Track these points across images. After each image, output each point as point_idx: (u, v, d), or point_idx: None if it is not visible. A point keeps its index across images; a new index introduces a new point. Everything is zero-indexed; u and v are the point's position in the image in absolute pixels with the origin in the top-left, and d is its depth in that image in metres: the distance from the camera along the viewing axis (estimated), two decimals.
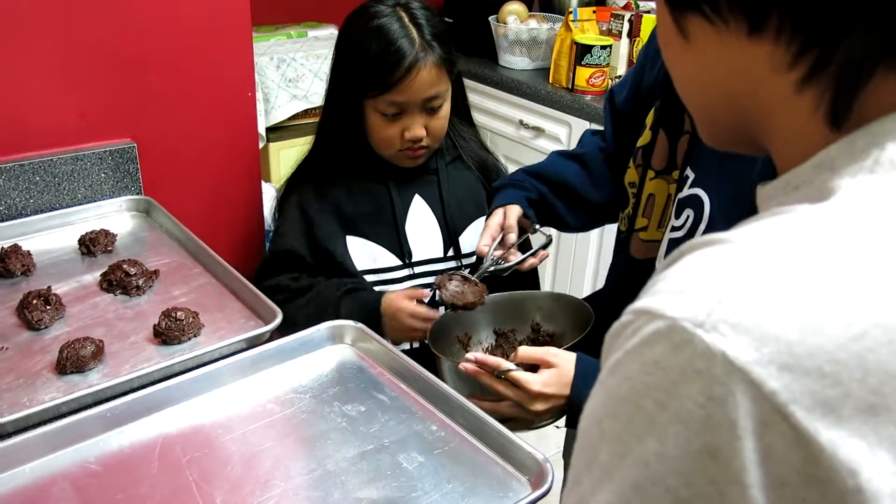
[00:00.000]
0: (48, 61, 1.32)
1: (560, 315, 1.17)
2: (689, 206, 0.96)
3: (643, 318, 0.41)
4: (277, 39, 2.54)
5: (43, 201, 1.37)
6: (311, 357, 1.06)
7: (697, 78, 0.53)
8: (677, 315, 0.39)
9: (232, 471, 0.86)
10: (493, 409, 0.99)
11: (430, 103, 1.27)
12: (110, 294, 1.17)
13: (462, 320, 1.19)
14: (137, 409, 0.93)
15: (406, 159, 1.32)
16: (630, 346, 0.41)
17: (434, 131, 1.30)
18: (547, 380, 0.97)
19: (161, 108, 1.46)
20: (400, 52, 1.21)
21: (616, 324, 0.44)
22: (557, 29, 2.48)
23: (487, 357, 0.99)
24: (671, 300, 0.40)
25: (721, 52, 0.49)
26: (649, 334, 0.40)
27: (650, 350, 0.40)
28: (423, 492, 0.84)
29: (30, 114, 1.34)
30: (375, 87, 1.24)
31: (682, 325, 0.39)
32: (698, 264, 0.42)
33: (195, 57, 1.46)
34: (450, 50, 1.27)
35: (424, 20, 1.25)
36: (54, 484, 0.83)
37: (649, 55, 1.12)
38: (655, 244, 1.04)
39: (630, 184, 1.10)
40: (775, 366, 0.37)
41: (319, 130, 1.39)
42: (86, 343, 1.00)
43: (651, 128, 1.05)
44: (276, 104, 2.39)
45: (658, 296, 0.41)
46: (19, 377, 0.98)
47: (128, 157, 1.42)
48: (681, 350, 0.39)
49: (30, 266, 1.22)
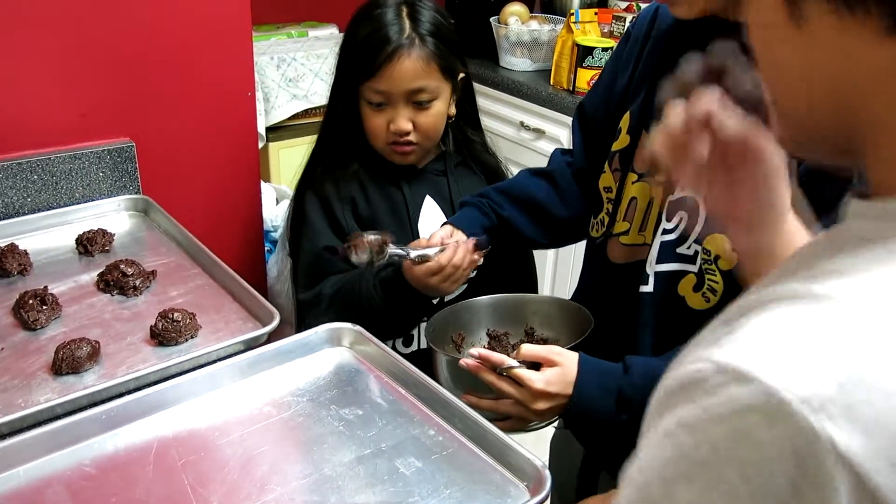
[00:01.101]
0: (48, 60, 1.31)
1: (557, 319, 1.16)
2: (682, 208, 0.95)
3: (730, 378, 0.37)
4: (278, 39, 2.54)
5: (40, 200, 1.36)
6: (308, 360, 1.06)
7: (802, 69, 0.46)
8: (778, 387, 0.36)
9: (228, 474, 0.85)
10: (492, 407, 0.98)
11: (416, 96, 1.26)
12: (107, 294, 1.17)
13: (458, 320, 1.18)
14: (133, 411, 0.92)
15: (395, 154, 1.31)
16: (714, 407, 0.38)
17: (423, 128, 1.28)
18: (550, 378, 0.95)
19: (160, 107, 1.45)
20: (385, 38, 1.22)
21: (688, 370, 0.40)
22: (559, 30, 2.48)
23: (491, 353, 0.97)
24: (769, 366, 0.37)
25: (842, 45, 0.43)
26: (742, 402, 0.37)
27: (741, 419, 0.37)
28: (420, 497, 0.83)
29: (28, 112, 1.33)
30: (362, 72, 1.25)
31: (783, 397, 0.35)
32: (796, 324, 0.38)
33: (195, 56, 1.46)
34: (445, 49, 1.27)
35: (425, 17, 1.26)
36: (48, 487, 0.83)
37: (621, 59, 1.11)
38: (638, 248, 1.03)
39: (605, 188, 1.09)
40: (886, 461, 0.35)
41: (323, 123, 1.38)
42: (82, 344, 1.00)
43: (629, 132, 1.04)
44: (276, 104, 2.38)
45: (748, 355, 0.38)
46: (14, 377, 0.98)
47: (126, 157, 1.42)
48: (779, 425, 0.36)
49: (26, 265, 1.21)
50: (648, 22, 1.06)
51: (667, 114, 0.69)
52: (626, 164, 1.05)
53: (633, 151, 1.03)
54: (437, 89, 1.28)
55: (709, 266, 0.94)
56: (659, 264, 0.98)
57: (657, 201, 1.00)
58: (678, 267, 0.97)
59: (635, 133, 1.03)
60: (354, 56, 1.27)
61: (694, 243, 0.95)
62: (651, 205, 1.02)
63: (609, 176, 1.08)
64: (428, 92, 1.26)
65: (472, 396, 1.00)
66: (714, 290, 0.94)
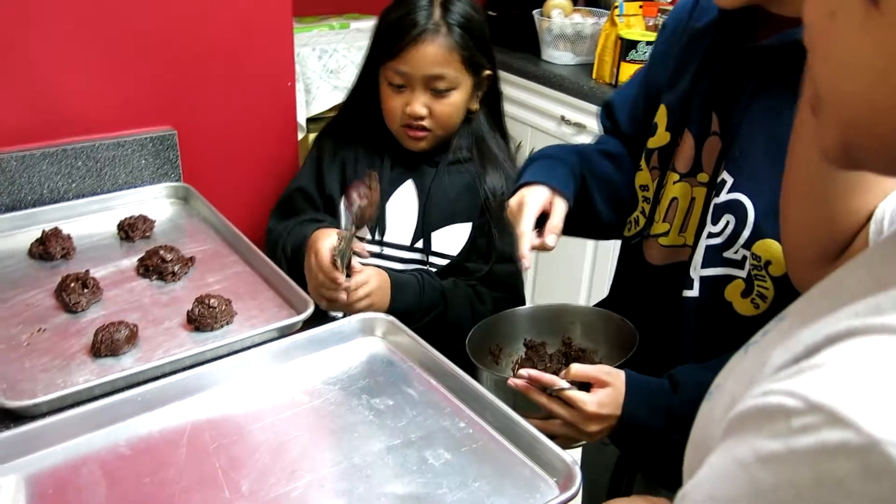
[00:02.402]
0: (92, 49, 1.34)
1: (597, 330, 1.12)
2: (729, 211, 0.92)
3: (821, 419, 0.34)
4: (320, 30, 2.55)
5: (84, 186, 1.39)
6: (341, 348, 1.06)
7: (877, 62, 0.39)
8: (879, 436, 0.32)
9: (259, 459, 0.86)
10: (541, 427, 0.94)
11: (435, 83, 1.27)
12: (146, 279, 1.19)
13: (497, 331, 1.14)
14: (168, 394, 0.94)
15: (408, 139, 1.33)
16: (800, 446, 0.35)
17: (438, 116, 1.30)
18: (603, 400, 0.92)
19: (201, 96, 1.47)
20: (413, 21, 1.26)
21: (768, 401, 0.37)
22: (602, 24, 2.45)
23: (542, 374, 0.94)
24: (871, 412, 0.33)
25: None
26: (834, 445, 0.34)
27: (832, 464, 0.34)
28: (448, 489, 0.83)
29: (74, 100, 1.36)
30: (386, 52, 1.29)
31: (885, 449, 0.32)
32: (892, 364, 0.34)
33: (236, 46, 1.47)
34: (471, 42, 1.28)
35: (457, 8, 1.28)
36: (84, 465, 0.84)
37: (657, 52, 1.08)
38: (678, 249, 1.00)
39: (642, 186, 1.05)
40: None
41: (348, 96, 1.45)
42: (120, 327, 1.01)
43: (668, 128, 1.00)
44: (316, 95, 2.39)
45: (844, 396, 0.34)
46: (55, 358, 1.00)
47: (168, 145, 1.44)
48: (878, 479, 0.32)
49: (69, 249, 1.24)
50: (687, 13, 1.03)
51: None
52: (665, 162, 1.01)
53: (672, 149, 1.00)
54: (456, 80, 1.29)
55: (758, 272, 0.90)
56: (704, 269, 0.94)
57: (699, 201, 0.97)
58: (724, 272, 0.93)
59: (675, 130, 1.00)
60: (382, 37, 1.31)
61: (742, 248, 0.91)
62: (692, 205, 0.98)
63: (646, 174, 1.04)
64: (447, 80, 1.28)
65: (521, 415, 0.96)
66: (764, 297, 0.90)
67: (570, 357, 1.11)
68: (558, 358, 1.12)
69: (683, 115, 0.99)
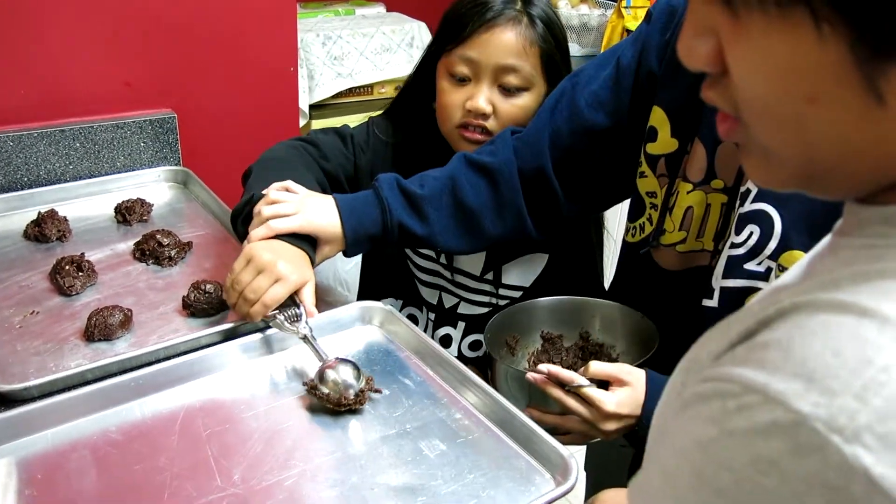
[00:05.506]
0: (94, 29, 1.32)
1: (616, 325, 1.10)
2: (754, 221, 0.89)
3: (753, 398, 0.34)
4: (325, 16, 2.53)
5: (82, 168, 1.37)
6: (338, 336, 1.05)
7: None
8: (807, 412, 0.32)
9: (252, 448, 0.85)
10: (558, 423, 0.94)
11: (504, 76, 1.11)
12: (143, 263, 1.17)
13: (514, 323, 1.12)
14: (161, 380, 0.92)
15: (462, 140, 1.15)
16: (734, 427, 0.35)
17: (503, 117, 1.13)
18: (622, 399, 0.91)
19: (202, 79, 1.46)
20: (489, 5, 1.11)
21: (704, 386, 0.37)
22: (609, 15, 2.43)
23: (560, 370, 0.93)
24: (796, 388, 0.33)
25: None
26: (765, 424, 0.33)
27: (765, 443, 0.33)
28: (443, 480, 0.81)
29: (73, 80, 1.34)
30: (452, 38, 1.12)
31: (813, 426, 0.32)
32: (832, 340, 0.34)
33: (239, 30, 1.46)
34: (553, 41, 1.13)
35: (539, 3, 1.14)
36: (74, 451, 0.83)
37: (638, 41, 1.00)
38: (696, 254, 0.98)
39: (648, 193, 1.02)
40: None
41: (399, 93, 1.28)
42: (114, 311, 1.00)
43: (674, 135, 0.97)
44: (320, 81, 2.38)
45: (772, 371, 0.34)
46: (48, 342, 0.99)
47: (168, 128, 1.42)
48: (807, 456, 0.32)
49: (65, 232, 1.22)
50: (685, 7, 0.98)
51: None
52: (674, 170, 0.98)
53: (681, 157, 0.96)
54: (531, 78, 1.12)
55: None
56: (726, 279, 0.92)
57: (715, 207, 0.95)
58: (747, 283, 0.90)
59: (683, 137, 0.96)
60: (449, 23, 1.14)
61: (767, 259, 0.88)
62: (708, 210, 0.96)
63: (653, 181, 1.01)
64: (520, 76, 1.11)
65: (536, 411, 0.96)
66: None
67: (587, 351, 1.10)
68: (575, 352, 1.11)
69: (691, 122, 0.95)
